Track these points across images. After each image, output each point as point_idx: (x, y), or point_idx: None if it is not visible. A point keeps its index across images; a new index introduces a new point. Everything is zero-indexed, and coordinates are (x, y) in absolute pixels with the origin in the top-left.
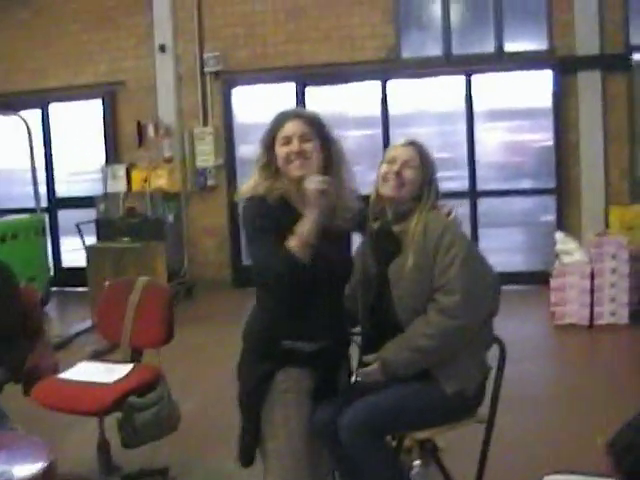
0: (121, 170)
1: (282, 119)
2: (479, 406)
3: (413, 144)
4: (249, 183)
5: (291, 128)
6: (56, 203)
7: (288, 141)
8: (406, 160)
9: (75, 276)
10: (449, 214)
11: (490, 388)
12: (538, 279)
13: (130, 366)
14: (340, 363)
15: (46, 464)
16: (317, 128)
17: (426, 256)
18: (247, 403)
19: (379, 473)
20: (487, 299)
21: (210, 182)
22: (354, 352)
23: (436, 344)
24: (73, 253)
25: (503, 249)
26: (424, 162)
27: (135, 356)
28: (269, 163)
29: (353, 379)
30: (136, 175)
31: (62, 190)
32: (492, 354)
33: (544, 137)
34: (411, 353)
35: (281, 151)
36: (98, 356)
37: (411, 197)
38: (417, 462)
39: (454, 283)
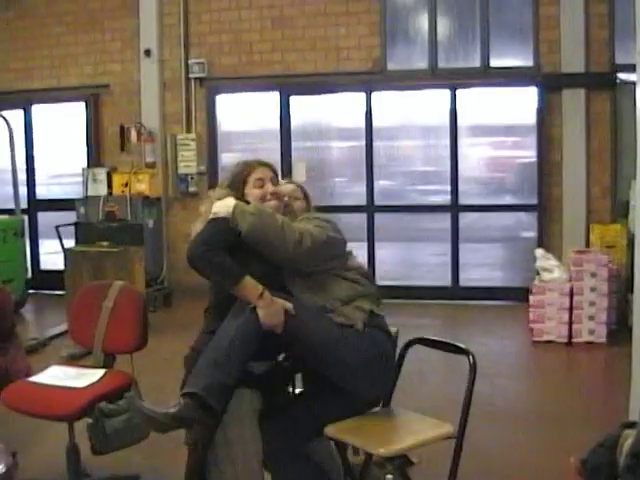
0: (102, 174)
1: (250, 165)
2: None
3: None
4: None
5: (262, 172)
6: (36, 205)
7: (262, 184)
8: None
9: (53, 279)
10: None
11: (456, 402)
12: (518, 295)
13: (102, 371)
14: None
15: (3, 470)
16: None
17: None
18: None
19: None
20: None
21: (192, 189)
22: None
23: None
24: (51, 256)
25: (484, 264)
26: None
27: (108, 362)
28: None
29: None
30: (117, 179)
31: (42, 192)
32: (463, 367)
33: (527, 153)
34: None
35: (255, 192)
36: (73, 360)
37: None
38: (389, 477)
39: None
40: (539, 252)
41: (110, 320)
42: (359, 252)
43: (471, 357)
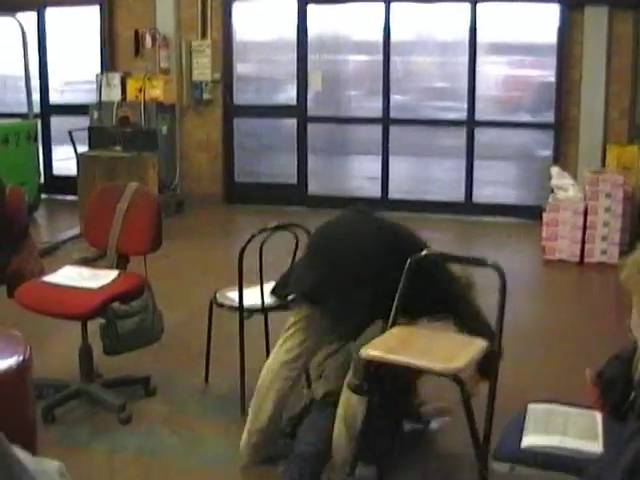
0: (116, 79)
1: None
2: None
3: None
4: None
5: None
6: (49, 110)
7: None
8: None
9: (65, 184)
10: None
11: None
12: (531, 213)
13: (115, 273)
14: None
15: (21, 358)
16: None
17: None
18: None
19: None
20: None
21: (206, 96)
22: None
23: None
24: (64, 162)
25: (498, 182)
26: None
27: (121, 264)
28: None
29: None
30: (131, 85)
31: (56, 98)
32: (493, 282)
33: (546, 73)
34: None
35: None
36: (85, 263)
37: None
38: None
39: None
40: (555, 170)
41: (124, 221)
42: (373, 165)
43: (501, 273)
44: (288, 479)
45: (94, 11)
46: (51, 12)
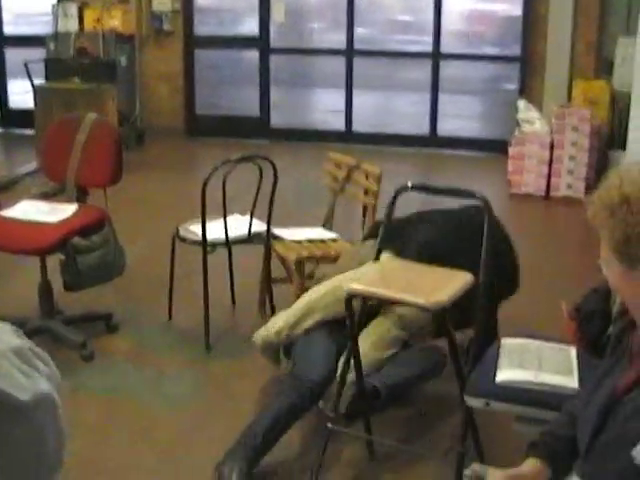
0: (73, 9)
1: None
2: None
3: None
4: None
5: None
6: (3, 41)
7: None
8: None
9: (22, 118)
10: None
11: None
12: (497, 147)
13: (75, 206)
14: None
15: None
16: None
17: None
18: None
19: None
20: None
21: (166, 27)
22: None
23: None
24: (21, 95)
25: (463, 115)
26: None
27: (81, 197)
28: None
29: None
30: (89, 14)
31: (10, 29)
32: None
33: (513, 7)
34: None
35: None
36: (44, 197)
37: None
38: None
39: None
40: (521, 103)
41: (83, 153)
42: (337, 98)
43: (486, 203)
44: (288, 400)
45: None
46: None
